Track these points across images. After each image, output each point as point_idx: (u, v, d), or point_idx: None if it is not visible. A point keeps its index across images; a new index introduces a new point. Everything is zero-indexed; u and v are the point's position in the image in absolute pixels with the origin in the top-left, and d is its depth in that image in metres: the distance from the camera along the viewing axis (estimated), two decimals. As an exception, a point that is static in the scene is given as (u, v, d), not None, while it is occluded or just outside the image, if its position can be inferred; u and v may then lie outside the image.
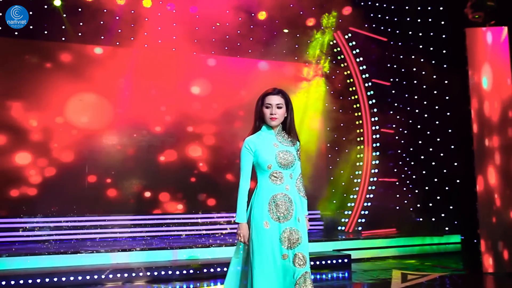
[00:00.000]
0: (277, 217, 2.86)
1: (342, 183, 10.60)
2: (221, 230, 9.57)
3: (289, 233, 2.85)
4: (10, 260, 6.14)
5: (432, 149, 9.34)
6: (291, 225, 2.87)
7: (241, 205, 2.96)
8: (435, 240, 8.66)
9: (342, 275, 6.68)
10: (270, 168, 2.92)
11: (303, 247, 2.87)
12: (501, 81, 6.43)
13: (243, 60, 10.76)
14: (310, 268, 2.89)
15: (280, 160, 2.92)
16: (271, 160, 2.91)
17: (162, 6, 10.02)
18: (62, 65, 9.53)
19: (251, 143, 2.97)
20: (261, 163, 2.93)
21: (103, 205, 9.20)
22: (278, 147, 2.96)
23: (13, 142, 8.90)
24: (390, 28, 10.05)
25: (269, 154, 2.92)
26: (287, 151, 2.96)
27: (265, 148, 2.94)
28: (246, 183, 2.97)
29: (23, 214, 8.59)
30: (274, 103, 2.96)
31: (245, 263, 2.98)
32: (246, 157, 2.97)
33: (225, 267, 6.28)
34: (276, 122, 2.98)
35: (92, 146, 9.42)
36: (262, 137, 3.00)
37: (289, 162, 2.94)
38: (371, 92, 9.89)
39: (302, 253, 2.83)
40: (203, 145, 10.31)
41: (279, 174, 2.92)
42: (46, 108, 9.19)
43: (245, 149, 2.97)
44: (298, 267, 2.80)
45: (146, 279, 6.14)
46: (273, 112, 2.95)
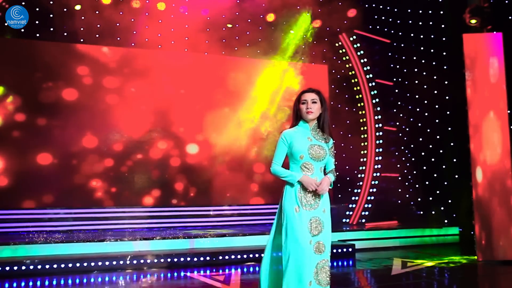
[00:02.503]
0: (305, 205, 3.08)
1: (347, 178, 11.10)
2: (234, 222, 10.13)
3: (315, 222, 3.07)
4: (44, 247, 6.68)
5: (432, 146, 9.83)
6: (317, 215, 3.10)
7: (285, 171, 3.19)
8: (434, 232, 9.13)
9: (347, 263, 7.17)
10: (302, 158, 3.15)
11: (325, 236, 3.09)
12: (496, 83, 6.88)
13: (253, 60, 11.23)
14: (329, 257, 3.11)
15: (311, 152, 3.15)
16: (303, 151, 3.14)
17: (175, 8, 10.50)
18: (81, 65, 10.05)
19: (288, 135, 3.22)
20: (294, 153, 3.16)
21: (123, 197, 9.84)
22: (311, 141, 3.19)
23: (33, 140, 9.44)
24: (393, 30, 10.52)
25: (302, 146, 3.15)
26: (320, 146, 3.18)
27: (299, 140, 3.17)
28: (277, 166, 3.22)
29: (47, 206, 9.17)
30: (309, 98, 3.22)
31: (275, 250, 3.24)
32: (281, 147, 3.22)
33: (238, 255, 6.87)
34: (312, 116, 3.21)
35: (111, 143, 9.97)
36: (298, 131, 3.24)
37: (321, 156, 3.16)
38: (374, 92, 10.37)
39: (322, 242, 3.06)
40: (218, 143, 10.85)
41: (310, 165, 3.16)
42: (68, 107, 9.73)
43: (281, 139, 3.23)
44: (318, 253, 3.04)
45: (165, 264, 6.65)
46: (308, 106, 3.19)
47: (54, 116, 9.51)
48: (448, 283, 5.68)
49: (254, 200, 10.81)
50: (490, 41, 6.98)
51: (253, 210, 10.45)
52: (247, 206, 10.56)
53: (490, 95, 6.86)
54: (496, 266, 6.54)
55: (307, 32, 10.80)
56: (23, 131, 9.32)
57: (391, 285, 5.57)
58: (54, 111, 9.54)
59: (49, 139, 9.45)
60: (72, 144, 9.60)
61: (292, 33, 11.10)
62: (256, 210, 10.45)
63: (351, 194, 10.46)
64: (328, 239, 3.13)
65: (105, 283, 5.72)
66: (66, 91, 9.76)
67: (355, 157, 10.74)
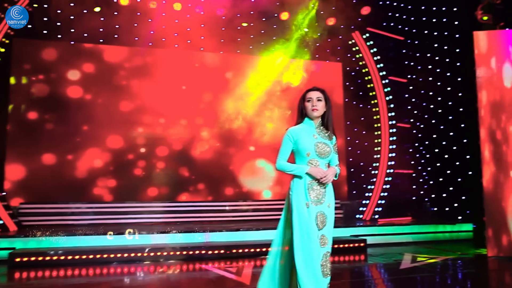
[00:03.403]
0: (312, 200, 3.16)
1: (361, 174, 11.22)
2: (248, 217, 10.37)
3: (320, 216, 3.16)
4: (67, 239, 7.02)
5: (446, 143, 9.86)
6: (322, 209, 3.18)
7: (292, 165, 3.24)
8: (447, 228, 9.16)
9: (358, 257, 7.31)
10: (308, 156, 3.21)
11: (328, 230, 3.19)
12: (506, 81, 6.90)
13: (267, 59, 11.40)
14: (331, 249, 3.22)
15: (318, 150, 3.21)
16: (310, 148, 3.20)
17: (191, 8, 10.74)
18: (103, 64, 10.41)
19: (293, 132, 3.26)
20: (300, 150, 3.22)
21: (142, 193, 10.26)
22: (317, 138, 3.24)
23: (54, 138, 9.87)
24: (407, 27, 10.56)
25: (309, 143, 3.21)
26: (325, 143, 3.24)
27: (305, 138, 3.22)
28: (283, 161, 3.27)
29: (70, 200, 9.62)
30: (315, 96, 3.29)
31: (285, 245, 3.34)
32: (286, 143, 3.26)
33: (251, 248, 7.08)
34: (317, 113, 3.27)
35: (132, 141, 10.32)
36: (303, 128, 3.28)
37: (326, 152, 3.23)
38: (388, 89, 10.43)
39: (326, 235, 3.16)
40: (235, 140, 11.11)
41: (316, 162, 3.21)
42: (93, 105, 10.13)
43: (286, 136, 3.26)
44: (322, 246, 3.14)
45: (181, 257, 6.91)
46: (314, 104, 3.26)
47: (79, 114, 9.95)
48: (454, 277, 5.78)
49: (269, 195, 11.04)
50: (502, 38, 6.99)
51: (267, 205, 10.66)
52: (262, 201, 10.79)
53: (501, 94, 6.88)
54: (505, 262, 6.59)
55: (318, 29, 10.90)
56: (52, 128, 9.87)
57: (397, 278, 5.70)
58: (77, 109, 9.99)
59: (71, 137, 9.89)
60: (93, 142, 10.01)
61: (306, 31, 11.22)
62: (271, 205, 10.65)
63: (365, 190, 10.57)
64: (331, 233, 3.23)
65: (124, 274, 6.00)
66: (88, 90, 10.20)
67: (369, 153, 10.83)
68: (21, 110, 9.80)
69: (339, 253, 7.40)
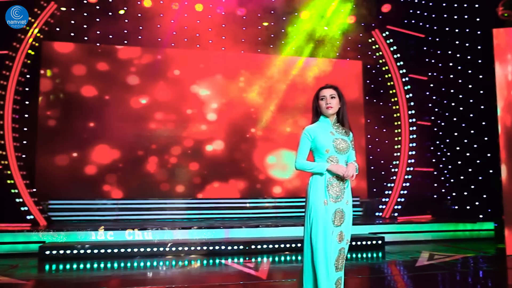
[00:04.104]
0: (331, 197, 3.18)
1: (381, 172, 11.24)
2: (269, 214, 10.53)
3: (339, 213, 3.18)
4: (93, 234, 7.33)
5: (467, 141, 9.79)
6: (341, 206, 3.20)
7: (312, 163, 3.26)
8: (468, 226, 9.09)
9: (376, 254, 7.38)
10: (327, 152, 3.21)
11: (346, 227, 3.23)
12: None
13: (287, 58, 11.54)
14: (347, 245, 3.25)
15: (337, 146, 3.22)
16: (328, 145, 3.21)
17: (212, 9, 10.94)
18: (126, 65, 10.74)
19: (311, 131, 3.27)
20: (319, 148, 3.23)
21: (165, 189, 10.60)
22: (334, 135, 3.25)
23: (82, 138, 10.27)
24: (428, 24, 10.49)
25: (327, 140, 3.22)
26: (343, 139, 3.26)
27: (323, 135, 3.24)
28: (302, 160, 3.28)
29: (96, 197, 10.02)
30: (328, 94, 3.28)
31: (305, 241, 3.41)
32: (304, 142, 3.28)
33: (270, 244, 7.24)
34: (332, 111, 3.26)
35: (153, 139, 10.63)
36: (320, 126, 3.29)
37: (345, 148, 3.24)
38: (408, 87, 10.40)
39: (343, 232, 3.20)
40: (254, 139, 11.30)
41: (335, 159, 3.22)
42: (120, 105, 10.50)
43: (304, 135, 3.28)
44: (339, 242, 3.18)
45: (202, 252, 7.13)
46: (328, 102, 3.25)
47: (105, 113, 10.29)
48: (468, 275, 5.79)
49: (290, 193, 11.19)
50: (521, 35, 6.93)
51: (287, 203, 10.81)
52: (282, 199, 10.94)
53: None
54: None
55: (340, 27, 10.94)
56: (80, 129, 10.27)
57: (412, 275, 5.76)
58: (103, 108, 10.36)
59: (97, 136, 10.27)
60: (118, 141, 10.37)
61: (327, 30, 11.28)
62: (291, 202, 10.80)
63: (385, 188, 10.58)
64: (349, 229, 3.27)
65: (147, 268, 6.25)
66: (116, 90, 10.56)
67: (390, 151, 10.82)
68: (52, 107, 10.25)
69: (357, 250, 7.50)
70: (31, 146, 9.73)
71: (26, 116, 9.60)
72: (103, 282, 5.43)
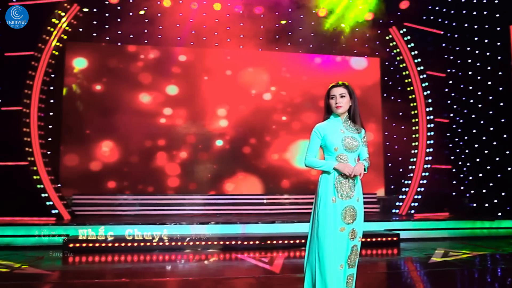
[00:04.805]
0: (341, 194, 3.19)
1: (399, 169, 11.22)
2: (286, 210, 10.67)
3: (349, 210, 3.20)
4: (114, 227, 7.58)
5: (486, 138, 9.70)
6: (351, 204, 3.21)
7: (320, 161, 3.28)
8: (486, 224, 9.02)
9: (391, 251, 7.42)
10: (336, 151, 3.23)
11: (358, 224, 3.24)
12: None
13: (305, 55, 11.62)
14: (360, 242, 3.27)
15: (346, 144, 3.23)
16: (337, 144, 3.22)
17: (230, 8, 11.10)
18: (148, 64, 11.01)
19: (321, 129, 3.29)
20: (328, 146, 3.25)
21: (184, 186, 10.88)
22: (344, 133, 3.26)
23: (100, 132, 10.58)
24: (446, 21, 10.41)
25: (336, 138, 3.23)
26: (353, 137, 3.26)
27: (333, 133, 3.25)
28: (311, 157, 3.32)
29: (118, 192, 10.36)
30: (338, 93, 3.28)
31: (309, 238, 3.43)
32: (314, 140, 3.31)
33: (285, 240, 7.37)
34: (341, 110, 3.28)
35: (172, 137, 10.88)
36: (330, 124, 3.31)
37: (354, 147, 3.24)
38: (425, 84, 10.35)
39: (356, 229, 3.22)
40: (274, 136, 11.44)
41: (345, 156, 3.23)
42: (132, 103, 10.75)
43: (314, 133, 3.31)
44: (351, 239, 3.21)
45: (219, 246, 7.31)
46: (337, 101, 3.26)
47: (127, 110, 10.62)
48: (481, 272, 5.80)
49: (310, 190, 11.29)
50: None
51: (304, 199, 10.91)
52: (299, 195, 11.04)
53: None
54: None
55: (357, 23, 10.95)
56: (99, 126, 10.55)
57: (423, 271, 5.80)
58: (124, 105, 10.68)
59: (119, 133, 10.58)
60: (138, 138, 10.67)
61: (343, 27, 11.31)
62: (308, 199, 10.89)
63: (403, 185, 10.57)
64: (361, 226, 3.29)
65: (166, 261, 6.46)
66: (140, 87, 10.90)
67: (407, 148, 10.81)
68: (75, 105, 10.60)
69: (372, 247, 7.55)
70: (55, 143, 10.11)
71: (51, 114, 9.96)
72: (123, 274, 5.64)
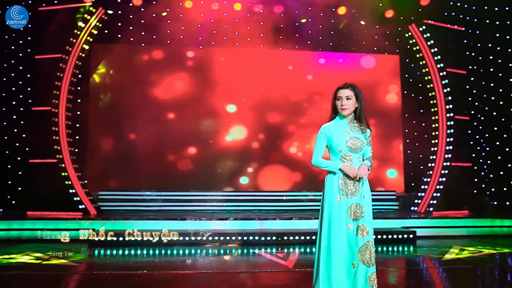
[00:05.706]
0: (346, 193, 3.28)
1: (420, 166, 11.19)
2: (305, 207, 10.84)
3: (355, 208, 3.27)
4: (137, 222, 7.96)
5: (507, 136, 9.61)
6: (357, 201, 3.28)
7: (326, 162, 3.40)
8: (505, 222, 8.92)
9: (407, 248, 7.48)
10: (341, 151, 3.34)
11: (366, 220, 3.27)
12: None
13: (325, 53, 11.71)
14: (373, 238, 3.27)
15: (349, 145, 3.33)
16: (342, 145, 3.33)
17: (251, 7, 11.29)
18: (172, 64, 11.32)
19: (327, 129, 3.41)
20: (333, 146, 3.37)
21: (204, 182, 11.14)
22: (349, 134, 3.36)
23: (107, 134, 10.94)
24: (468, 17, 10.31)
25: (341, 139, 3.34)
26: (357, 138, 3.35)
27: (338, 134, 3.36)
28: (318, 157, 3.44)
29: (141, 188, 10.72)
30: (344, 95, 3.38)
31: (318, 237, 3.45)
32: (320, 140, 3.43)
33: (302, 236, 7.54)
34: (347, 112, 3.37)
35: (189, 136, 11.19)
36: (336, 125, 3.41)
37: (358, 147, 3.34)
38: (446, 81, 10.30)
39: (364, 225, 3.25)
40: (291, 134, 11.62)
41: (349, 157, 3.34)
42: (155, 102, 11.11)
43: (320, 133, 3.42)
44: (361, 236, 3.23)
45: (238, 242, 7.54)
46: (343, 103, 3.36)
47: (155, 109, 11.03)
48: (492, 270, 5.82)
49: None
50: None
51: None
52: (318, 192, 11.17)
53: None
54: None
55: (377, 21, 10.96)
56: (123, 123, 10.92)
57: (434, 268, 5.87)
58: (153, 105, 11.09)
59: (142, 132, 10.95)
60: (163, 134, 11.02)
61: (363, 24, 11.33)
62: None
63: (422, 183, 10.56)
64: (370, 222, 3.30)
65: (185, 255, 6.74)
66: (163, 87, 11.25)
67: (427, 146, 10.78)
68: (101, 105, 11.02)
69: (388, 244, 7.64)
70: (82, 142, 10.53)
71: (78, 114, 10.38)
72: (145, 267, 5.93)
